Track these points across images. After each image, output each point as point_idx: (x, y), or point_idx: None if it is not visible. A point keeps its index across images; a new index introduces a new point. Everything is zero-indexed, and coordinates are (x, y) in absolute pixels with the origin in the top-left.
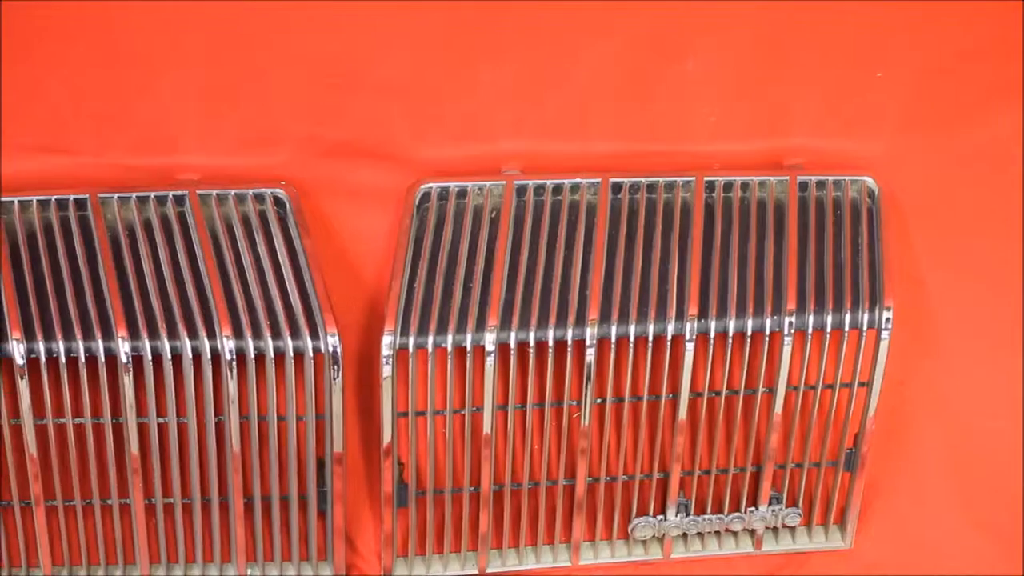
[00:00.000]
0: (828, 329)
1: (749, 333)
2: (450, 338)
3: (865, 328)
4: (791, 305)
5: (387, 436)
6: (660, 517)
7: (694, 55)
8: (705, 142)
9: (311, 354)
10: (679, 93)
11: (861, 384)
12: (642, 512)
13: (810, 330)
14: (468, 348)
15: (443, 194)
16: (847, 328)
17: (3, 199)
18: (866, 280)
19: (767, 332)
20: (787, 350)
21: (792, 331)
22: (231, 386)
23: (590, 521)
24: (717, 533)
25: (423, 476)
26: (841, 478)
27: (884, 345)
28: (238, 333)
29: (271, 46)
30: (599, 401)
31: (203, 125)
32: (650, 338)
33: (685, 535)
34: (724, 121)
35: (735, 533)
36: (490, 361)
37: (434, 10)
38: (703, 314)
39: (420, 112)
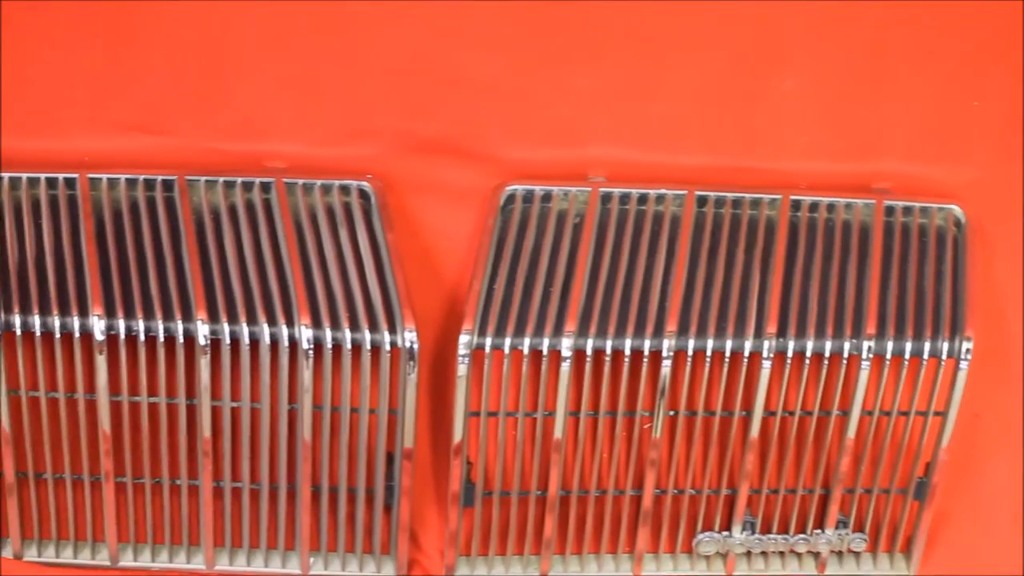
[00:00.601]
0: (907, 356)
1: (827, 355)
2: (527, 341)
3: (944, 357)
4: (871, 329)
5: (458, 435)
6: (725, 533)
7: (793, 73)
8: (795, 161)
9: (388, 348)
10: (774, 110)
11: (936, 413)
12: (707, 527)
13: (888, 356)
14: (544, 352)
15: (528, 197)
16: (926, 356)
17: (92, 175)
18: (948, 309)
19: (845, 355)
20: (864, 374)
21: (870, 355)
22: (306, 375)
23: (654, 533)
24: (781, 553)
25: (491, 477)
26: (910, 506)
27: (962, 375)
28: (317, 323)
29: (369, 39)
30: (672, 413)
31: (295, 114)
32: (727, 354)
33: (749, 553)
34: (816, 141)
35: (799, 554)
36: (565, 366)
37: (533, 11)
38: (782, 333)
39: (512, 113)
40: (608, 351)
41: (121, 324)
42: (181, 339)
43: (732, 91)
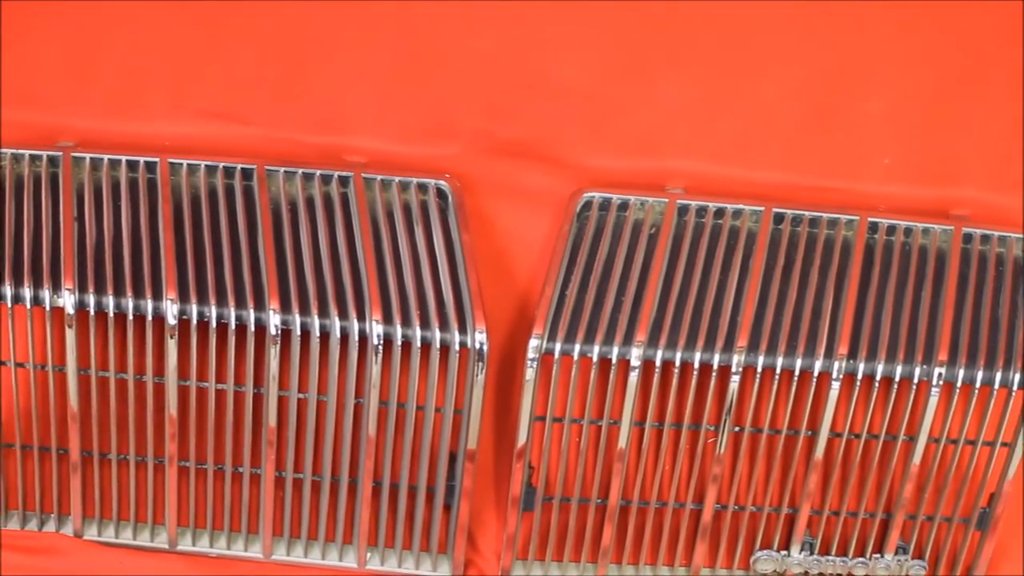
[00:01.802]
0: (976, 384)
1: (896, 379)
2: (596, 348)
3: (1015, 388)
4: (942, 356)
5: (522, 438)
6: (784, 552)
7: (879, 95)
8: (874, 183)
9: (457, 348)
10: (857, 131)
11: (1003, 444)
12: (766, 545)
13: (958, 383)
14: (613, 360)
15: (605, 204)
16: (996, 386)
17: (172, 160)
18: (1021, 340)
19: (915, 380)
20: (933, 401)
21: (940, 382)
22: (375, 370)
23: (712, 548)
24: (839, 575)
25: (552, 482)
26: (971, 536)
27: None
28: (387, 319)
29: (455, 39)
30: (737, 429)
31: (377, 109)
32: (796, 372)
33: (806, 573)
34: (897, 164)
35: None
36: (633, 376)
37: (622, 19)
38: (852, 355)
39: (594, 120)
40: (677, 363)
41: (193, 309)
42: (252, 328)
43: (816, 109)
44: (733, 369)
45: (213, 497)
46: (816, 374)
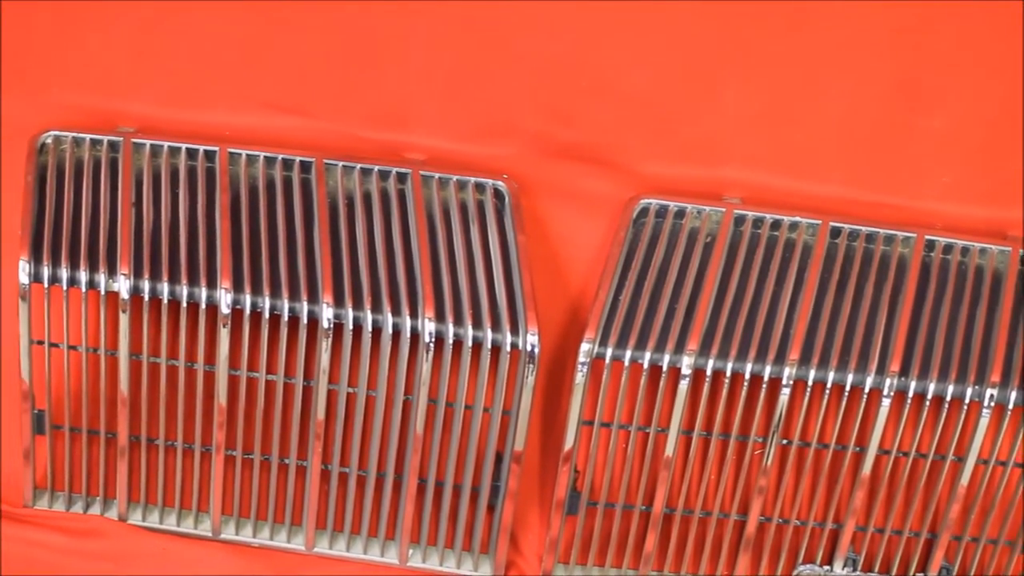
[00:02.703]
0: None
1: (948, 398)
2: (647, 355)
3: None
4: (995, 377)
5: (569, 442)
6: (827, 568)
7: (942, 113)
8: (933, 201)
9: (508, 349)
10: (919, 148)
11: None
12: (809, 559)
13: (1010, 405)
14: (664, 368)
15: (661, 211)
16: None
17: (232, 150)
18: None
19: (966, 401)
20: (983, 422)
21: (991, 403)
22: (425, 368)
23: (755, 559)
24: None
25: (596, 487)
26: (1016, 560)
27: None
28: (440, 317)
29: (519, 40)
30: (785, 442)
31: (438, 108)
32: (847, 388)
33: None
34: (957, 183)
35: None
36: (683, 384)
37: (687, 27)
38: (904, 372)
39: (655, 127)
40: (727, 373)
41: (247, 300)
42: (305, 320)
43: (879, 124)
44: (783, 382)
45: (258, 487)
46: (867, 390)
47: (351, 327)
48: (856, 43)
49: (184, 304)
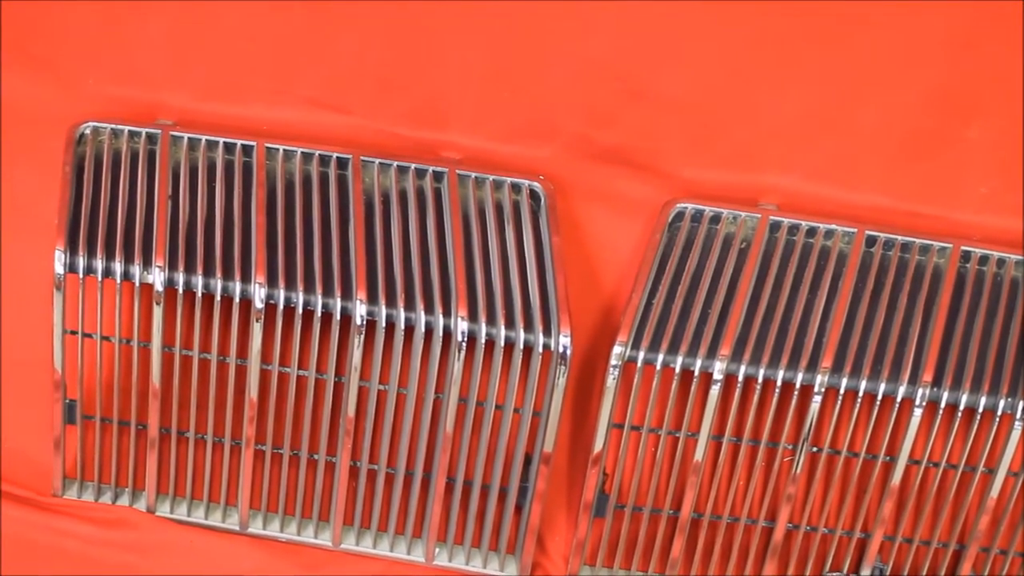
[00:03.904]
0: None
1: (980, 410)
2: (679, 360)
3: None
4: None
5: (598, 444)
6: None
7: (980, 123)
8: (970, 212)
9: (540, 350)
10: (956, 158)
11: None
12: (836, 568)
13: None
14: (696, 373)
15: (696, 216)
16: None
17: (269, 145)
18: None
19: (998, 413)
20: (1015, 435)
21: None
22: (457, 367)
23: (781, 567)
24: None
25: (625, 490)
26: None
27: None
28: (473, 316)
29: (559, 41)
30: (815, 450)
31: (477, 107)
32: (878, 397)
33: None
34: (994, 194)
35: None
36: (715, 390)
37: (727, 33)
38: (936, 382)
39: (693, 131)
40: (759, 380)
41: (281, 294)
42: (338, 316)
43: (917, 134)
44: (815, 389)
45: (287, 482)
46: (899, 400)
47: (384, 324)
48: (895, 52)
49: (218, 297)
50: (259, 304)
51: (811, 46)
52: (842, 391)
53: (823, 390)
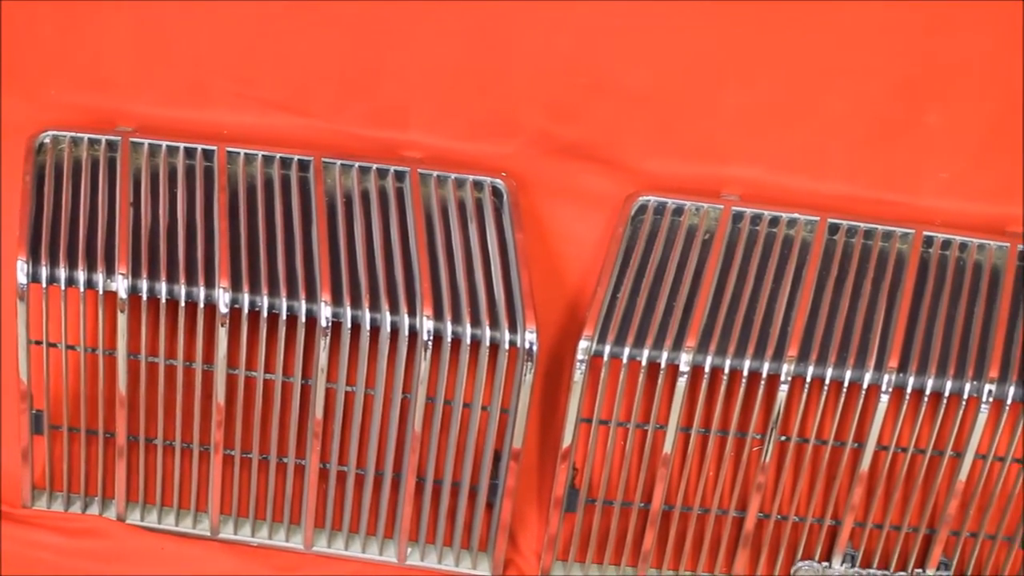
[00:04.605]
0: None
1: (946, 394)
2: (646, 353)
3: None
4: (993, 373)
5: (567, 440)
6: (825, 564)
7: (940, 109)
8: (931, 197)
9: (506, 347)
10: (917, 145)
11: None
12: (807, 556)
13: (1009, 401)
14: (662, 365)
15: (660, 209)
16: None
17: (230, 149)
18: None
19: (964, 397)
20: (982, 418)
21: (990, 399)
22: (423, 366)
23: (753, 556)
24: None
25: (595, 484)
26: (1015, 555)
27: None
28: (438, 315)
29: (519, 38)
30: (783, 439)
31: (437, 106)
32: (845, 384)
33: None
34: (955, 179)
35: None
36: (682, 382)
37: (685, 25)
38: (902, 368)
39: (655, 124)
40: (726, 370)
41: (245, 298)
42: (303, 319)
43: (877, 121)
44: (782, 378)
45: (256, 486)
46: (865, 386)
47: (349, 326)
48: (854, 40)
49: (182, 303)
50: (223, 309)
51: (770, 37)
52: (808, 379)
53: (790, 379)
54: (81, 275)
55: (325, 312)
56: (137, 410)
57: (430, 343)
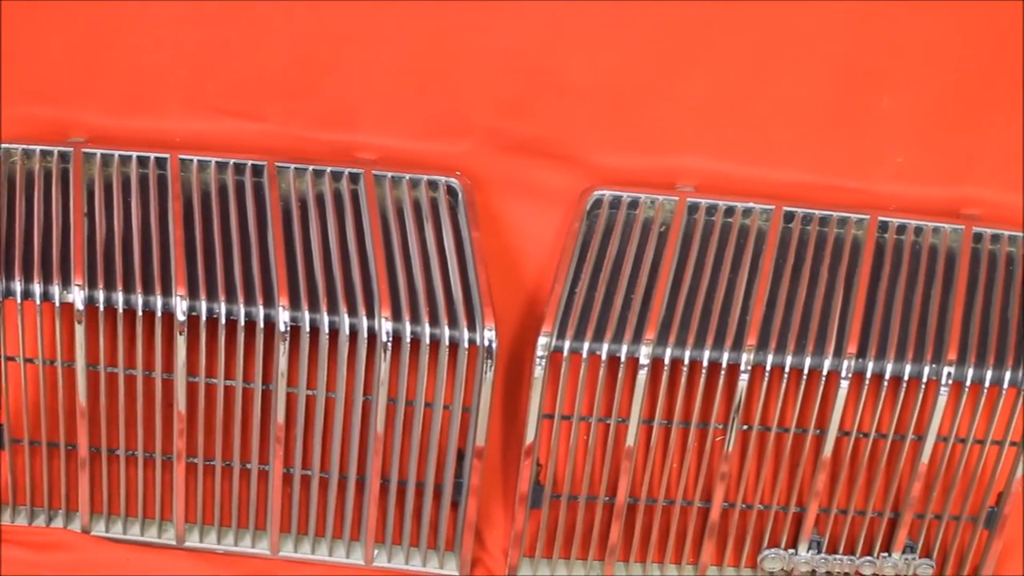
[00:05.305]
0: (986, 384)
1: (905, 378)
2: (605, 347)
3: None
4: (951, 355)
5: (530, 436)
6: (791, 551)
7: (891, 93)
8: (886, 182)
9: (466, 345)
10: (870, 130)
11: (1012, 444)
12: (773, 544)
13: (968, 383)
14: (622, 358)
15: (615, 202)
16: (1005, 386)
17: (183, 156)
18: None
19: (924, 380)
20: (942, 400)
21: (949, 382)
22: (383, 367)
23: (720, 546)
24: (846, 574)
25: (559, 480)
26: (979, 535)
27: None
28: (397, 316)
29: (466, 36)
30: (745, 428)
31: (389, 106)
32: (805, 371)
33: (814, 572)
34: (909, 163)
35: None
36: (642, 374)
37: (634, 18)
38: (861, 353)
39: (605, 118)
40: (686, 361)
41: (203, 306)
42: (261, 324)
43: (829, 108)
44: (742, 368)
45: (221, 494)
46: (825, 373)
47: (308, 329)
48: (801, 28)
49: (140, 313)
50: (181, 317)
51: (719, 28)
52: (768, 367)
53: (750, 368)
54: (37, 288)
55: (283, 317)
56: (98, 421)
57: (389, 344)
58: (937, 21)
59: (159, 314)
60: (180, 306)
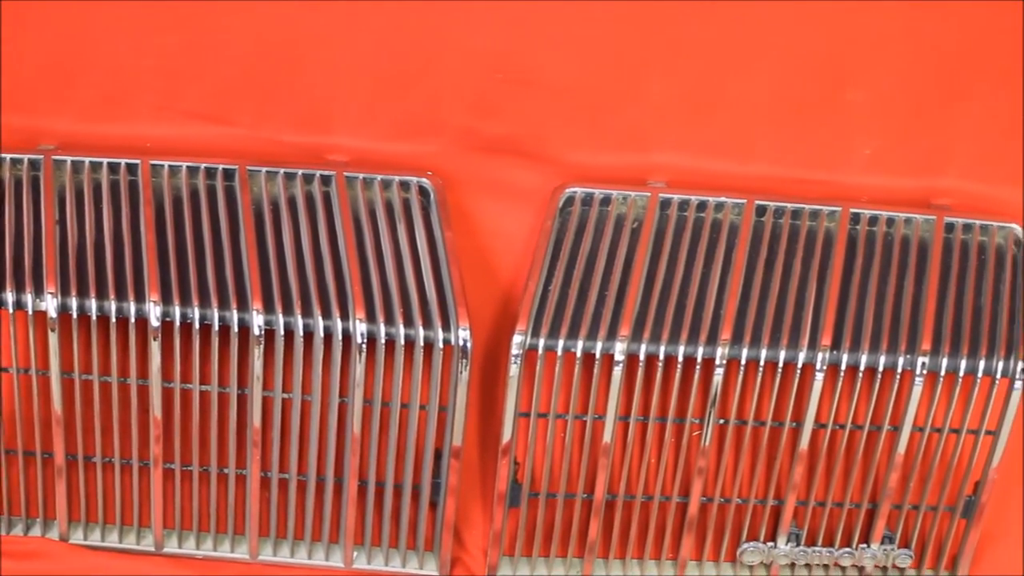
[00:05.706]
0: (960, 374)
1: (880, 369)
2: (580, 344)
3: (998, 376)
4: (925, 346)
5: (507, 435)
6: (770, 544)
7: (858, 85)
8: (856, 174)
9: (440, 345)
10: (840, 122)
11: (988, 432)
12: (752, 537)
13: (942, 373)
14: (597, 355)
15: (587, 200)
16: (979, 375)
17: (154, 162)
18: (1004, 328)
19: (898, 370)
20: (917, 390)
21: (924, 372)
22: (359, 369)
23: (699, 541)
24: (825, 566)
25: (537, 478)
26: (957, 525)
27: (1015, 395)
28: (371, 317)
29: (435, 36)
30: (722, 422)
31: (359, 108)
32: (780, 364)
33: (793, 564)
34: (878, 155)
35: (843, 568)
36: (618, 371)
37: (603, 16)
38: (836, 345)
39: (575, 115)
40: (661, 357)
41: (176, 311)
42: (236, 328)
43: (798, 101)
44: (717, 362)
45: (199, 499)
46: (800, 365)
47: (282, 332)
48: (770, 21)
49: (113, 319)
50: (155, 323)
51: (687, 24)
52: (744, 361)
53: (725, 362)
54: (9, 296)
55: (257, 320)
56: (74, 428)
57: (364, 346)
58: (904, 14)
59: (133, 320)
60: (153, 312)
